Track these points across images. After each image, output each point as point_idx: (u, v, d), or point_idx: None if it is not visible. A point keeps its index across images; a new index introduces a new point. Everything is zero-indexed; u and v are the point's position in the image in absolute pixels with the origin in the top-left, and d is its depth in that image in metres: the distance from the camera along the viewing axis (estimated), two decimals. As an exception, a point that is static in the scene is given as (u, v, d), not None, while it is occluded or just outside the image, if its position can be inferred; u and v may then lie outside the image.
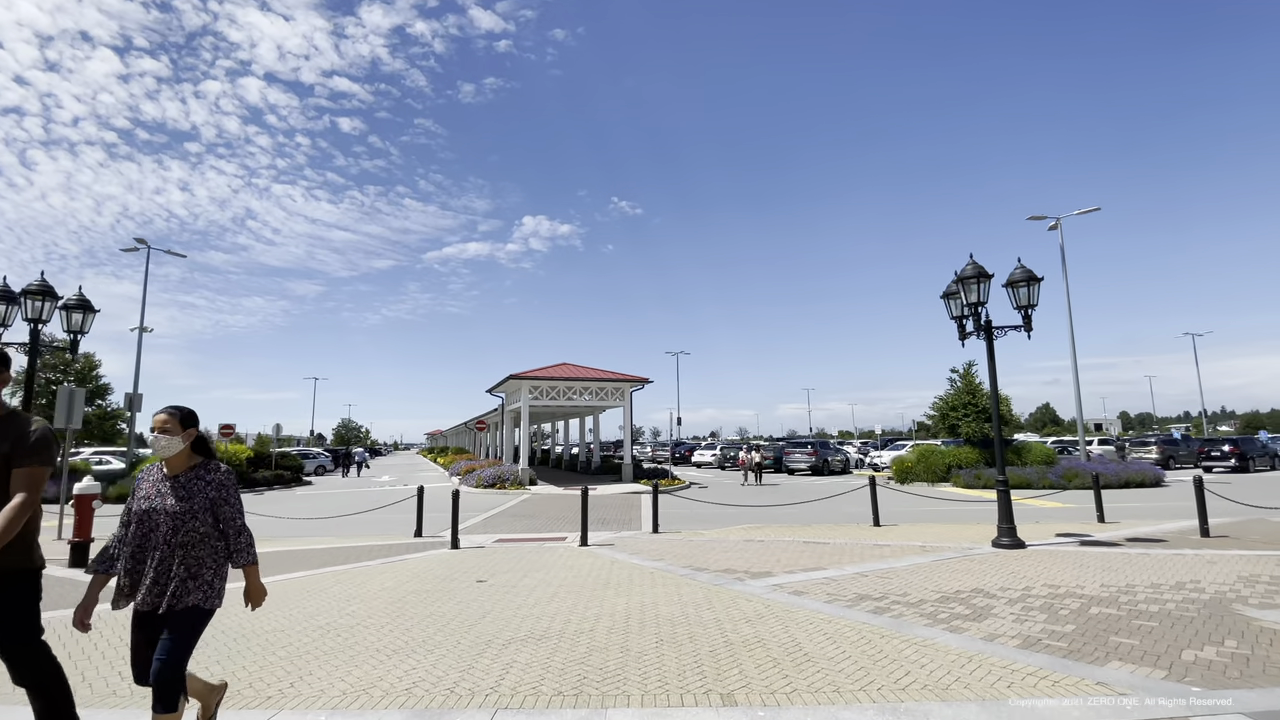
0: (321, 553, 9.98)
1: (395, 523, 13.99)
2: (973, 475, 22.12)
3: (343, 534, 12.63)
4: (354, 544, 10.89)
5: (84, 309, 10.42)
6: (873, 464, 33.59)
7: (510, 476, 22.97)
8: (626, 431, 25.90)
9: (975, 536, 10.30)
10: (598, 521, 13.95)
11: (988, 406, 23.29)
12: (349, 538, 11.88)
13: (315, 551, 10.13)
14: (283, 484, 27.63)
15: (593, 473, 29.96)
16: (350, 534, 12.63)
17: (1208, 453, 29.70)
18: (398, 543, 11.00)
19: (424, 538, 11.59)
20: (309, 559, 9.32)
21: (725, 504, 17.33)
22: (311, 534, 12.62)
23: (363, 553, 9.94)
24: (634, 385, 26.00)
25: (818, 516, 14.14)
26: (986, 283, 9.20)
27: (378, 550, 10.19)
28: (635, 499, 19.33)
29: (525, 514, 15.81)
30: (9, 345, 9.37)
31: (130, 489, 14.66)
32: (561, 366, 26.37)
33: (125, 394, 25.30)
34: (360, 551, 10.08)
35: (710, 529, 12.47)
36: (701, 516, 14.30)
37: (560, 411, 33.60)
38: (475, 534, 12.20)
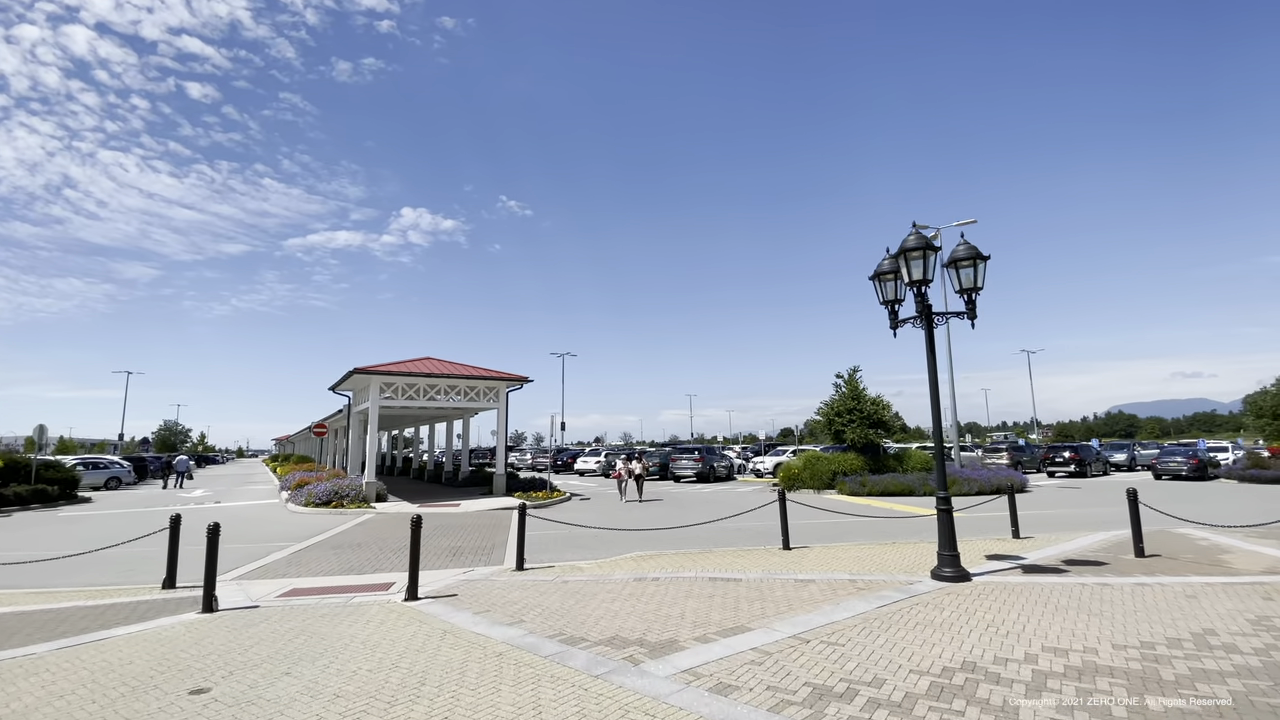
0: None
1: (156, 562, 10.06)
2: (858, 482, 21.56)
3: (53, 583, 8.64)
4: (46, 606, 7.13)
5: None
6: (755, 470, 32.94)
7: (351, 492, 19.00)
8: (500, 438, 22.77)
9: (904, 563, 8.68)
10: (449, 553, 10.95)
11: (872, 413, 22.99)
12: (54, 591, 8.01)
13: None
14: (44, 502, 21.35)
15: (460, 485, 26.34)
16: (65, 582, 8.69)
17: (1052, 458, 32.05)
18: (125, 601, 7.39)
19: (175, 589, 8.03)
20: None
21: (610, 525, 14.95)
22: (3, 583, 8.47)
23: (47, 623, 6.32)
24: (510, 385, 22.95)
25: (717, 537, 12.14)
26: (934, 257, 7.58)
27: (78, 616, 6.59)
28: (505, 517, 16.37)
29: (354, 543, 12.37)
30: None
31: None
32: (423, 361, 22.68)
33: None
34: (44, 621, 6.43)
35: (591, 558, 10.00)
36: (581, 540, 11.78)
37: (424, 414, 29.56)
38: (263, 579, 8.77)
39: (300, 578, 8.93)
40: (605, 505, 18.77)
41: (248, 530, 14.72)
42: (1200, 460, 28.18)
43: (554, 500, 20.10)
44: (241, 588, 8.06)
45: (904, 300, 8.35)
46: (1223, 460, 31.23)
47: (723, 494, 23.08)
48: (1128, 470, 36.32)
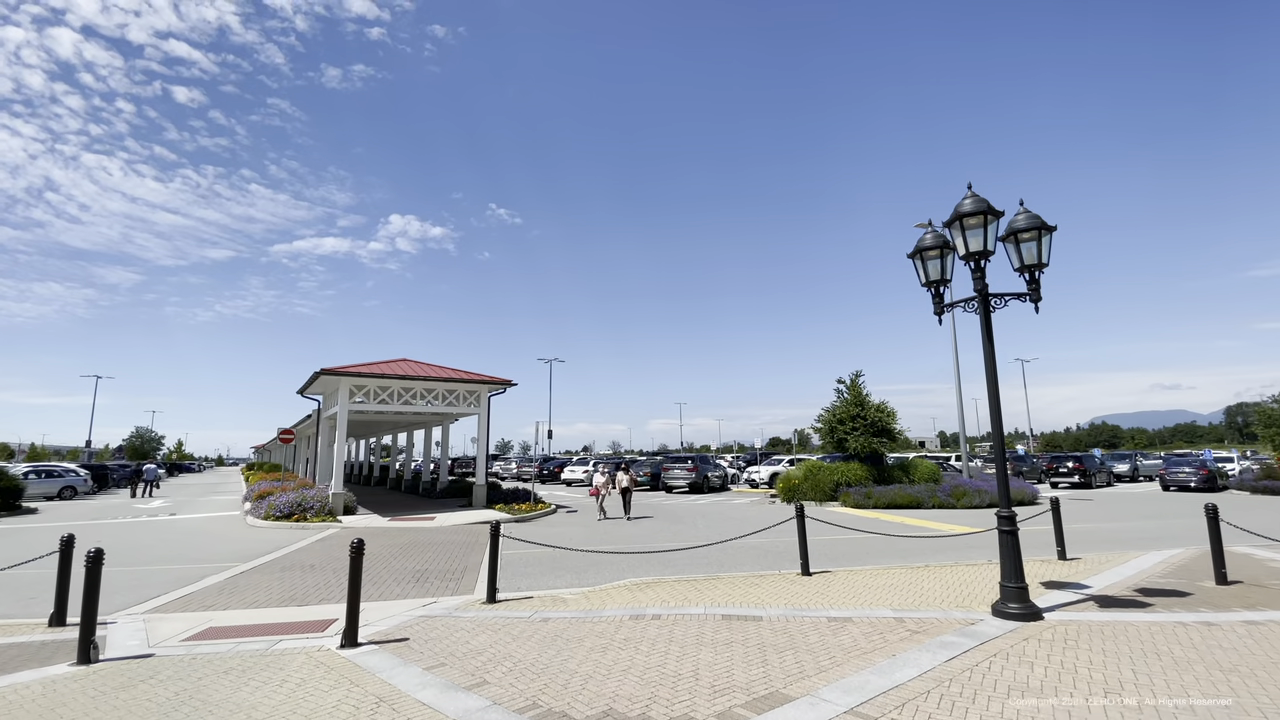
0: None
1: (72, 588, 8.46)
2: (862, 494, 20.25)
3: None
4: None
5: None
6: (750, 480, 31.55)
7: (315, 504, 17.36)
8: (481, 445, 21.23)
9: (950, 593, 7.33)
10: (412, 577, 9.44)
11: (877, 420, 21.74)
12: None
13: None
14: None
15: (438, 496, 24.71)
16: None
17: (1056, 469, 31.01)
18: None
19: (65, 627, 6.47)
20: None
21: (600, 544, 13.54)
22: None
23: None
24: (492, 389, 21.44)
25: (720, 557, 10.71)
26: (995, 225, 6.29)
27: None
28: (482, 534, 14.83)
29: (307, 564, 10.80)
30: None
31: None
32: (398, 363, 21.11)
33: None
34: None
35: (578, 584, 8.56)
36: (566, 561, 10.31)
37: (400, 420, 27.92)
38: (182, 612, 7.23)
39: (227, 610, 7.40)
40: (593, 519, 17.30)
41: (193, 548, 13.10)
42: (1210, 471, 27.24)
43: (538, 513, 18.58)
44: (145, 626, 6.53)
45: (949, 281, 7.06)
46: (1230, 471, 30.38)
47: (719, 506, 21.67)
48: (1130, 481, 35.42)
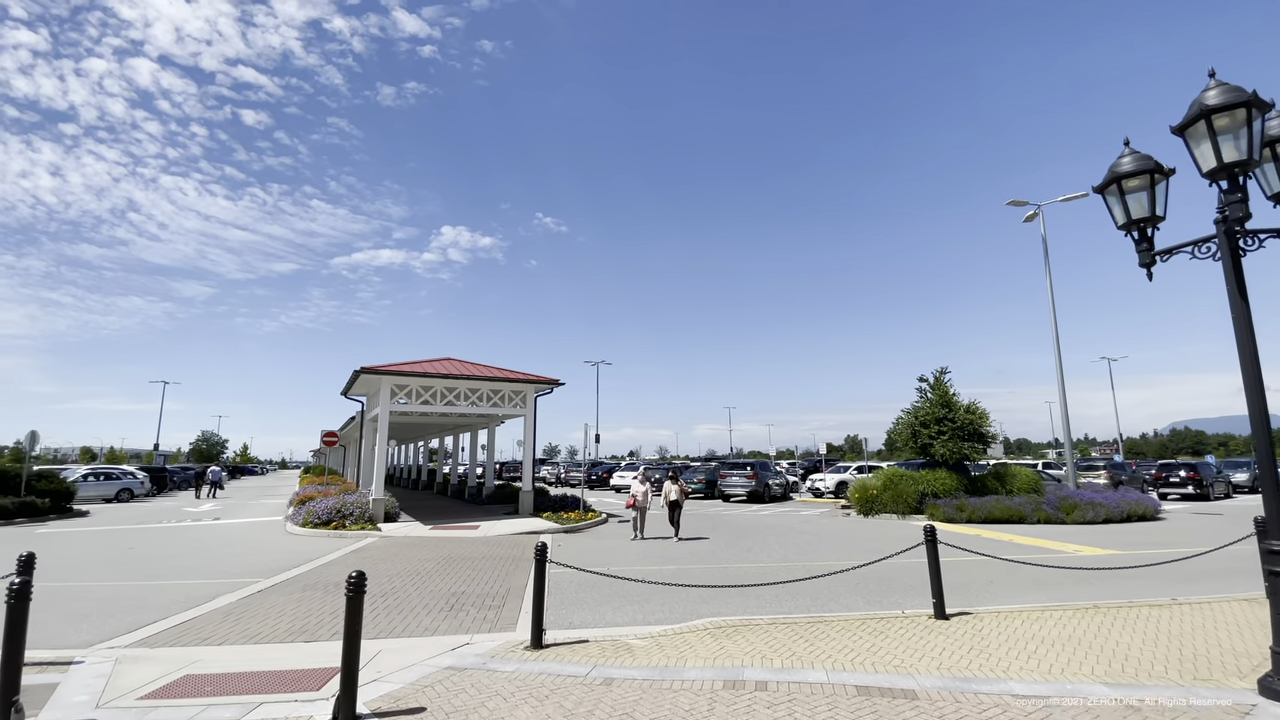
0: None
1: (86, 601, 7.37)
2: (953, 506, 17.86)
3: None
4: None
5: None
6: (814, 489, 29.26)
7: (355, 510, 16.33)
8: (527, 448, 19.92)
9: (1163, 652, 5.31)
10: (446, 604, 7.98)
11: (967, 422, 19.29)
12: None
13: None
14: (32, 515, 19.38)
15: (483, 502, 23.55)
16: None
17: (1165, 478, 27.54)
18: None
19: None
20: None
21: (662, 564, 11.86)
22: None
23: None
24: (539, 389, 20.11)
25: (815, 587, 8.83)
26: (1260, 121, 4.29)
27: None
28: (528, 546, 13.39)
29: (333, 581, 9.52)
30: None
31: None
32: (441, 362, 20.06)
33: None
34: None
35: (642, 618, 6.92)
36: (623, 589, 8.66)
37: (445, 423, 26.99)
38: (164, 647, 5.94)
39: (221, 646, 6.07)
40: (650, 527, 15.60)
41: (221, 559, 12.11)
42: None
43: (588, 522, 17.05)
44: (112, 671, 5.22)
45: (1161, 218, 5.08)
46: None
47: (786, 518, 19.65)
48: (1250, 491, 31.32)
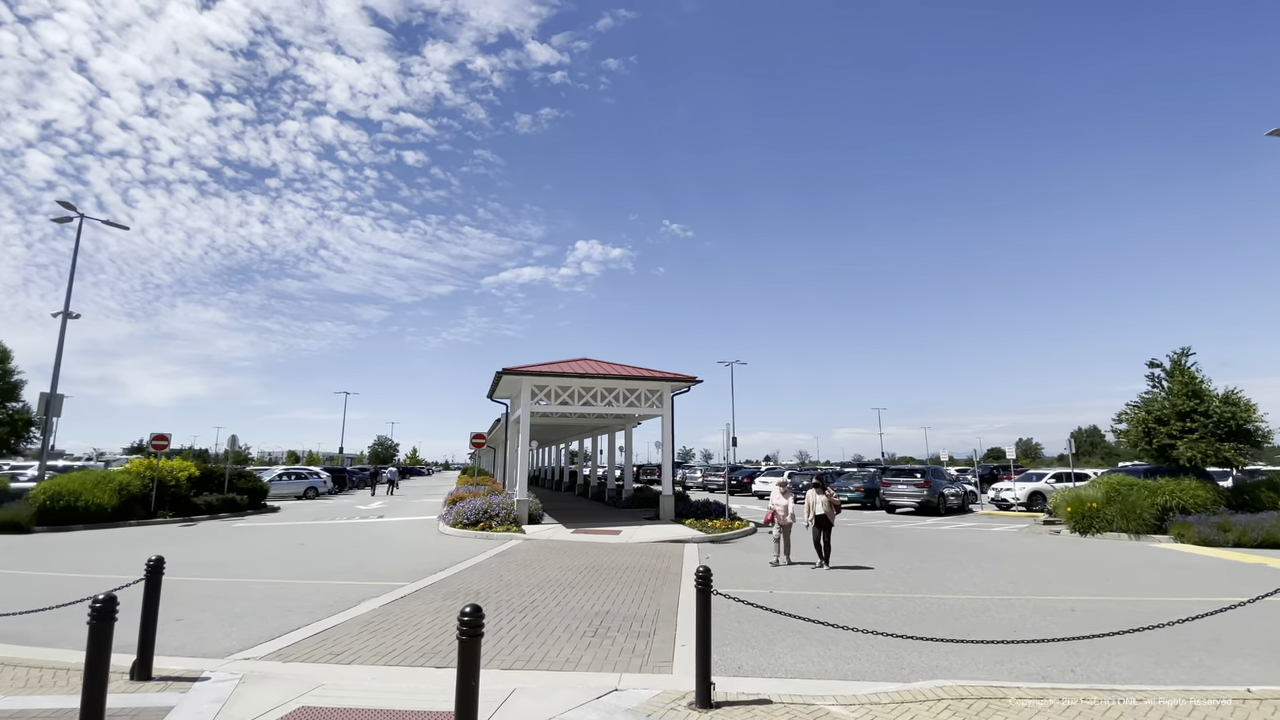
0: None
1: (245, 600, 7.37)
2: (1213, 525, 13.86)
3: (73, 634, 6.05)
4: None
5: None
6: (999, 499, 25.14)
7: (500, 511, 16.23)
8: (666, 449, 18.84)
9: None
10: (588, 625, 6.91)
11: (1224, 417, 15.00)
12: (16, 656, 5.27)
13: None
14: (233, 511, 21.85)
15: (623, 506, 22.87)
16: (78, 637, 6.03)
17: None
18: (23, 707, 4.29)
19: (149, 681, 4.84)
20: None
21: (837, 585, 10.04)
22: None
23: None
24: (676, 387, 18.98)
25: (1065, 629, 6.57)
26: None
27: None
28: (674, 556, 12.18)
29: (473, 590, 8.91)
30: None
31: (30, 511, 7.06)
32: (578, 362, 19.65)
33: (40, 394, 20.15)
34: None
35: (835, 676, 5.28)
36: (792, 624, 7.02)
37: (584, 424, 26.80)
38: (302, 661, 5.41)
39: (351, 666, 5.43)
40: (804, 541, 13.65)
41: (376, 557, 12.24)
42: None
43: (735, 532, 15.49)
44: (232, 693, 4.67)
45: None
46: None
47: (974, 535, 16.65)
48: None
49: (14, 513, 15.71)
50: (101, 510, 17.46)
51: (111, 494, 17.90)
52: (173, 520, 19.22)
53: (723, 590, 6.75)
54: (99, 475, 18.77)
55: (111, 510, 17.74)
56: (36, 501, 16.38)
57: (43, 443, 20.38)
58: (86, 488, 17.51)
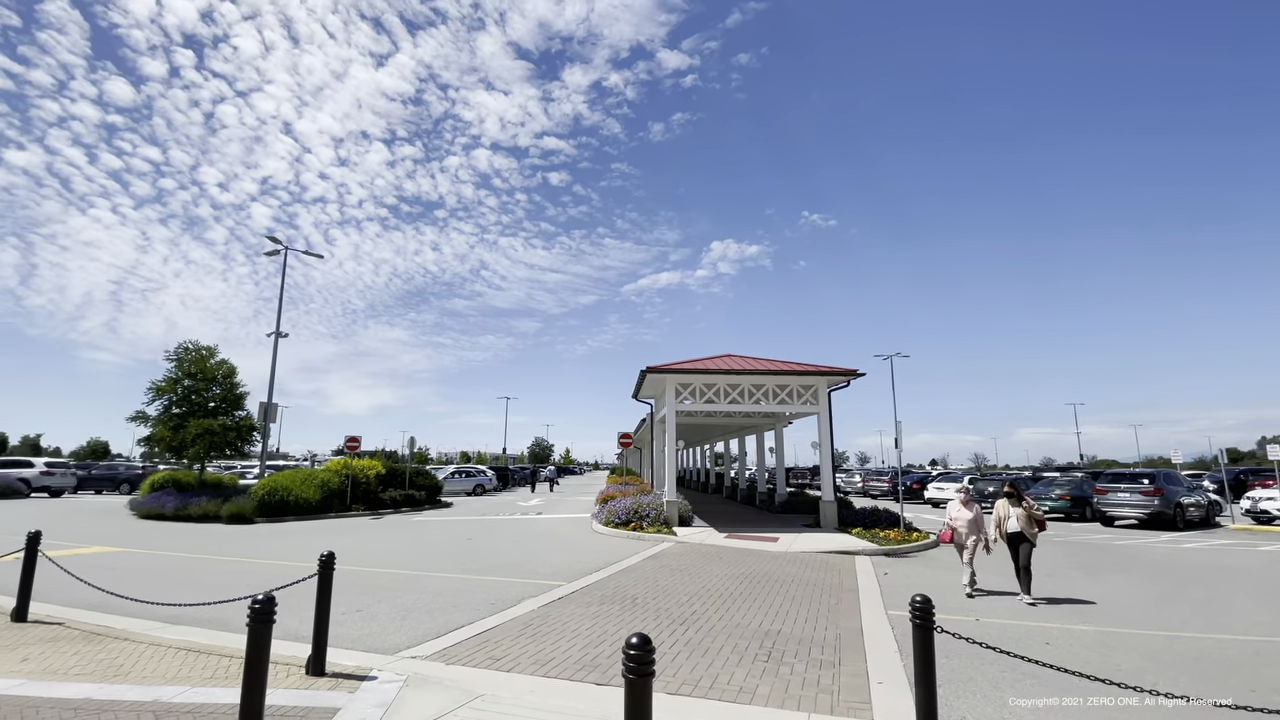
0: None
1: (415, 593, 7.62)
2: None
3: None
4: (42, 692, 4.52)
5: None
6: (1258, 511, 20.05)
7: (650, 511, 15.89)
8: (824, 451, 17.31)
9: None
10: (759, 647, 6.06)
11: None
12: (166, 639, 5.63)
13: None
14: (413, 506, 23.95)
15: (776, 510, 21.57)
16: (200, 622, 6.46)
17: None
18: (196, 701, 4.38)
19: (323, 677, 4.85)
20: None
21: (1066, 616, 8.26)
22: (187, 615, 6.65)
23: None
24: (834, 382, 17.40)
25: None
26: None
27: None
28: (844, 570, 10.88)
29: (629, 594, 8.46)
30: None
31: (252, 505, 8.02)
32: (723, 359, 18.80)
33: (259, 403, 23.60)
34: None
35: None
36: (1020, 667, 5.55)
37: (730, 424, 25.83)
38: (463, 665, 5.20)
39: (510, 674, 5.12)
40: (994, 564, 11.47)
41: (534, 554, 12.38)
42: None
43: (913, 544, 13.66)
44: (390, 698, 4.51)
45: None
46: None
47: (1244, 558, 13.22)
48: None
49: (239, 506, 18.33)
50: (308, 504, 19.87)
51: (315, 490, 20.32)
52: (363, 514, 21.43)
53: (905, 611, 5.55)
54: (305, 473, 21.44)
55: (315, 504, 20.12)
56: (257, 496, 19.01)
57: (262, 445, 23.80)
58: (295, 484, 20.03)
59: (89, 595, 6.96)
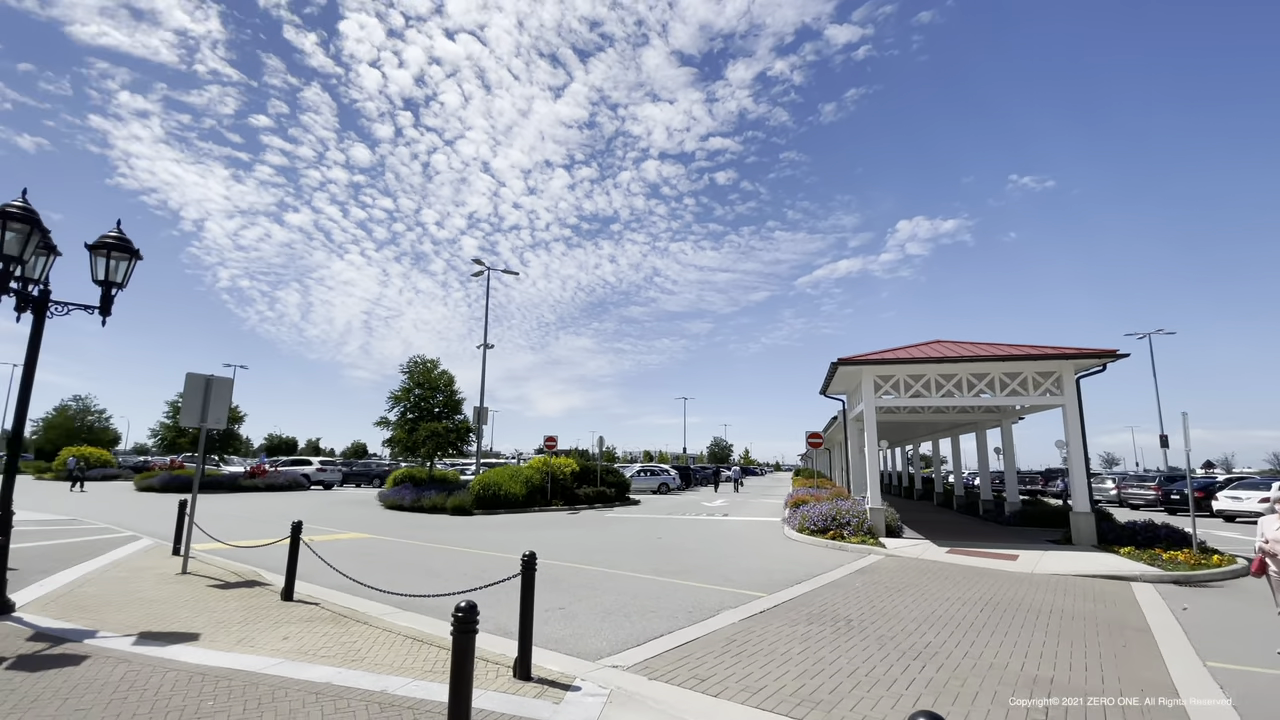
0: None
1: (569, 595, 7.55)
2: None
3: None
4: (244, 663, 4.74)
5: (122, 250, 7.25)
6: None
7: (851, 519, 14.37)
8: (1074, 451, 14.20)
9: None
10: (1026, 693, 4.74)
11: None
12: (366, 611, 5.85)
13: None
14: (604, 502, 24.89)
15: (1005, 521, 18.43)
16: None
17: None
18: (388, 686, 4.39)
19: (528, 682, 4.70)
20: None
21: None
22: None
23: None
24: (1083, 366, 14.25)
25: None
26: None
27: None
28: (1119, 600, 8.59)
29: (841, 614, 7.42)
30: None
31: (470, 498, 8.93)
32: (932, 345, 16.45)
33: (474, 407, 26.31)
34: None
35: None
36: None
37: (940, 420, 22.80)
38: (665, 681, 4.76)
39: (716, 700, 4.54)
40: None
41: (726, 558, 11.79)
42: None
43: (1215, 569, 10.49)
44: (595, 716, 4.15)
45: None
46: None
47: None
48: None
49: (460, 499, 20.44)
50: (515, 498, 21.55)
51: (520, 485, 21.99)
52: (562, 508, 22.69)
53: (1234, 664, 3.86)
54: (512, 470, 23.34)
55: (521, 498, 21.77)
56: (474, 491, 21.06)
57: (477, 445, 26.48)
58: (505, 480, 21.85)
59: (340, 578, 7.85)
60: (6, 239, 5.91)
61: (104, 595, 7.33)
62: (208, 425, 9.21)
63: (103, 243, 7.17)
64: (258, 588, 7.95)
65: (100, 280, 7.15)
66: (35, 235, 6.23)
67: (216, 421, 9.30)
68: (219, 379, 9.40)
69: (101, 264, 7.12)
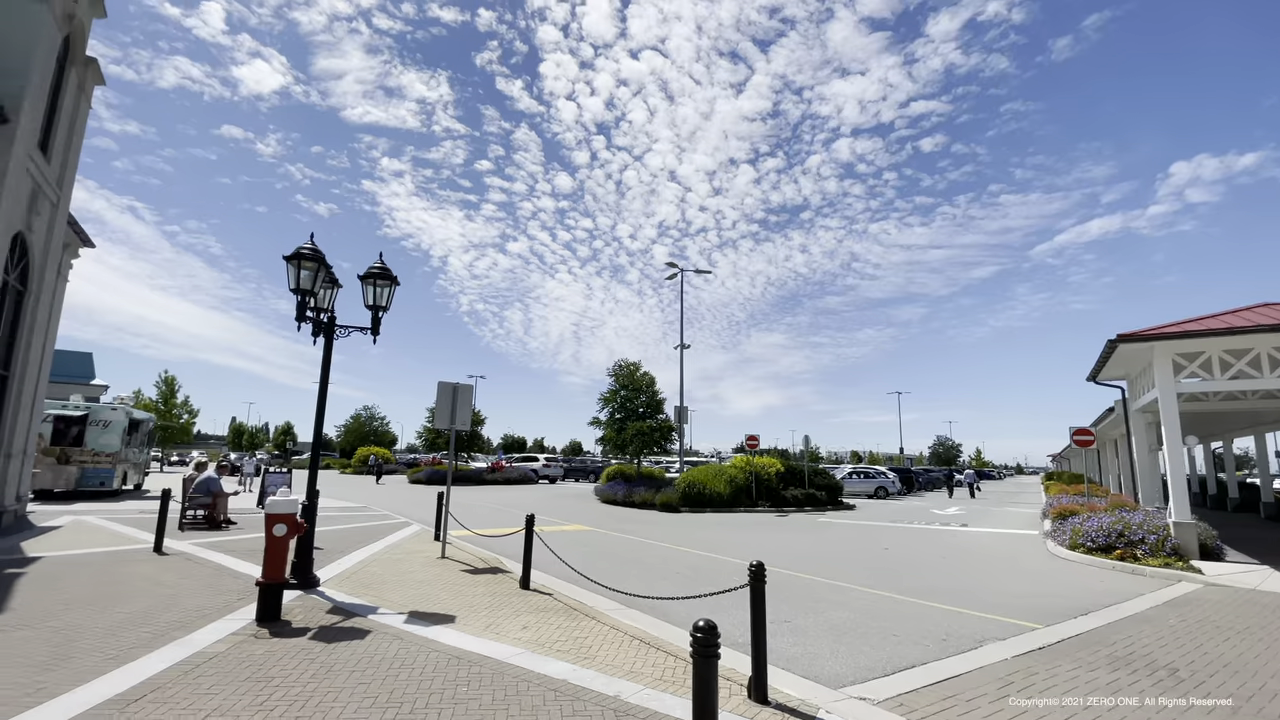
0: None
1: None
2: None
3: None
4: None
5: (386, 279, 8.41)
6: None
7: (1148, 535, 11.39)
8: None
9: None
10: None
11: None
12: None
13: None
14: (814, 505, 23.51)
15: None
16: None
17: None
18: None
19: (765, 707, 4.22)
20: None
21: None
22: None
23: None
24: None
25: None
26: None
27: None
28: None
29: (1158, 662, 5.69)
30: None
31: (677, 495, 8.69)
32: (1258, 310, 12.42)
33: (674, 407, 26.79)
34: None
35: None
36: None
37: (1269, 411, 17.37)
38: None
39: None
40: None
41: (976, 576, 10.12)
42: None
43: None
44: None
45: None
46: None
47: None
48: None
49: (668, 496, 20.83)
50: (720, 497, 21.34)
51: (724, 484, 21.72)
52: (768, 510, 21.91)
53: None
54: (716, 469, 23.20)
55: (725, 498, 21.48)
56: (680, 488, 21.32)
57: (679, 443, 26.89)
58: (709, 479, 21.77)
59: (568, 569, 8.20)
60: (302, 275, 7.15)
61: (383, 575, 8.55)
62: (456, 427, 10.38)
63: (370, 273, 8.40)
64: (500, 574, 8.66)
65: (369, 305, 8.38)
66: (322, 271, 7.47)
67: (463, 424, 10.45)
68: (462, 386, 10.56)
69: (369, 291, 8.34)
